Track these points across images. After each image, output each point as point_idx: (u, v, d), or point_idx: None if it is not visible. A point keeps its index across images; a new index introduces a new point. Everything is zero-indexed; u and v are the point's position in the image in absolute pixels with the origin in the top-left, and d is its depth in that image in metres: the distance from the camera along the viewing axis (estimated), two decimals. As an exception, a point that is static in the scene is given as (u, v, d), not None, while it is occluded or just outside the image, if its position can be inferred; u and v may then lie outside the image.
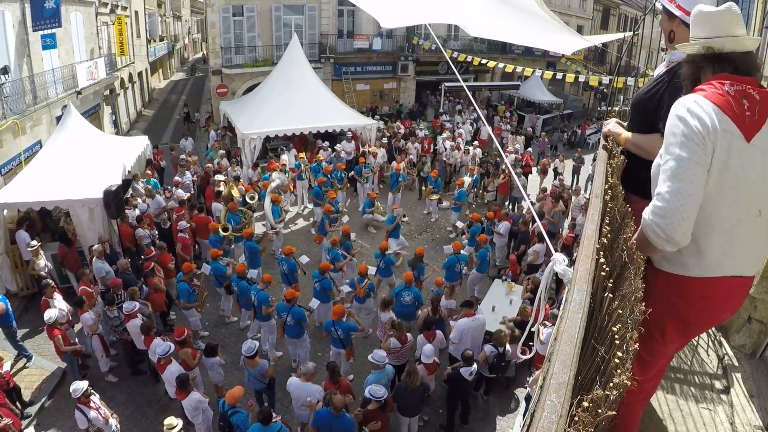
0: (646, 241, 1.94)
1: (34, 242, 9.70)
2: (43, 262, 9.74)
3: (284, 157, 15.90)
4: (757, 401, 3.81)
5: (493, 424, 8.12)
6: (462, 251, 10.36)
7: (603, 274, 1.67)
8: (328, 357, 8.59)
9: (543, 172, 17.28)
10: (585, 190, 15.17)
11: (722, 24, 1.95)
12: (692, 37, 2.07)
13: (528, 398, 6.98)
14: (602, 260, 1.71)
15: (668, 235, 1.80)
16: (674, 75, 2.52)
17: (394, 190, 14.84)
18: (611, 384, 1.26)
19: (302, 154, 16.54)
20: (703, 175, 1.81)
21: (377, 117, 23.14)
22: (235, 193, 12.86)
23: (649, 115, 2.68)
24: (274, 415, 6.02)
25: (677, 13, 2.60)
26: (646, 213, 1.88)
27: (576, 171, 18.53)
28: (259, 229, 13.16)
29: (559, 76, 22.65)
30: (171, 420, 6.00)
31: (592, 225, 2.05)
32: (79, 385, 6.47)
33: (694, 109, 1.83)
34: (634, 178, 2.68)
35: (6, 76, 12.44)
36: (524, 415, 7.94)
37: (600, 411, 1.20)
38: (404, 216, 12.53)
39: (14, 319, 8.76)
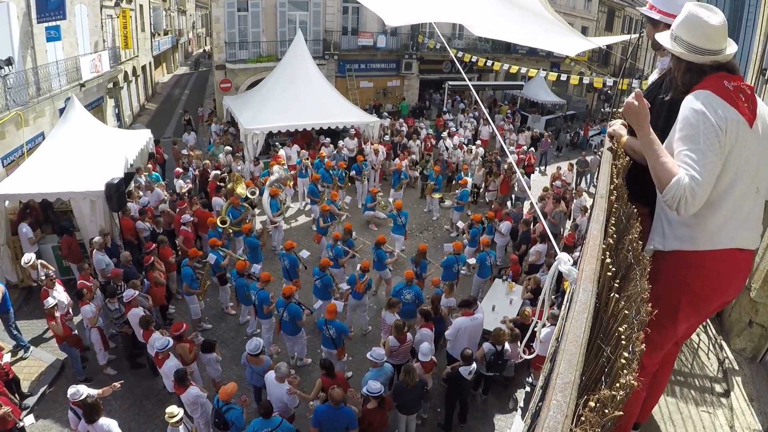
0: (657, 172, 2.08)
1: (31, 255, 9.27)
2: (39, 273, 9.18)
3: (282, 152, 15.91)
4: (756, 405, 3.81)
5: (491, 423, 8.12)
6: (462, 252, 10.35)
7: (609, 274, 1.66)
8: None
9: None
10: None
11: (719, 37, 2.11)
12: (676, 36, 2.20)
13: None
14: (608, 260, 1.70)
15: (686, 211, 1.99)
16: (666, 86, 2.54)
17: (395, 188, 14.84)
18: (618, 384, 1.26)
19: (302, 150, 16.55)
20: (720, 163, 2.03)
21: (385, 115, 23.10)
22: (240, 190, 12.85)
23: None
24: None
25: (657, 17, 2.63)
26: (682, 184, 1.97)
27: (580, 174, 18.42)
28: (258, 224, 13.17)
29: (563, 77, 22.61)
30: (173, 408, 6.01)
31: (597, 225, 2.04)
32: (80, 391, 6.30)
33: (713, 103, 2.03)
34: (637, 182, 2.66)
35: (10, 67, 12.42)
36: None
37: (607, 411, 1.19)
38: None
39: (12, 306, 8.75)
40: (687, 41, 2.14)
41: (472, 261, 10.60)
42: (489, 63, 22.84)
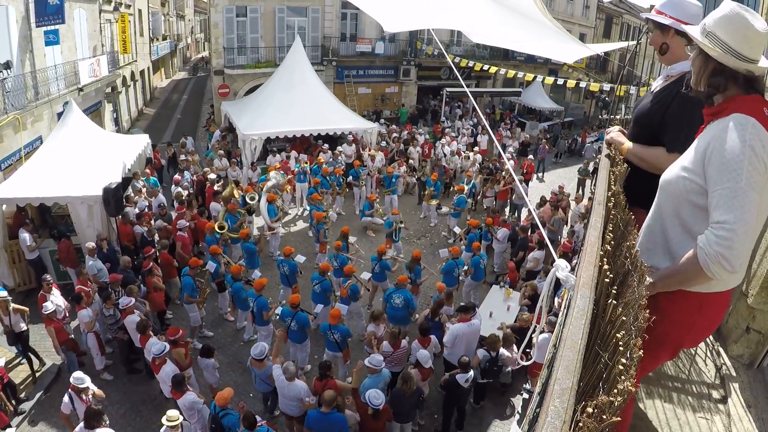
0: (689, 275, 1.90)
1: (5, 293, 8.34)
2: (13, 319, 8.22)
3: (284, 159, 15.94)
4: (754, 411, 3.81)
5: (488, 430, 8.09)
6: (460, 256, 10.35)
7: (606, 280, 1.66)
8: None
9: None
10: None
11: (760, 44, 1.88)
12: (709, 32, 1.93)
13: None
14: (606, 267, 1.70)
15: (733, 266, 1.75)
16: (678, 91, 2.47)
17: (387, 190, 14.94)
18: (615, 390, 1.26)
19: (301, 154, 16.58)
20: (759, 201, 1.81)
21: (383, 122, 23.11)
22: (236, 194, 12.86)
23: (652, 128, 2.66)
24: (258, 419, 6.01)
25: (668, 22, 2.59)
26: (708, 244, 1.78)
27: (581, 183, 18.35)
28: (256, 230, 13.15)
29: (560, 81, 22.69)
30: (174, 413, 5.99)
31: (595, 232, 2.04)
32: (84, 379, 6.44)
33: (761, 136, 1.80)
34: (635, 188, 2.67)
35: (8, 71, 12.43)
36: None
37: (604, 417, 1.20)
38: (401, 222, 12.39)
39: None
40: (724, 41, 1.89)
41: (465, 268, 10.61)
42: (486, 68, 22.91)
